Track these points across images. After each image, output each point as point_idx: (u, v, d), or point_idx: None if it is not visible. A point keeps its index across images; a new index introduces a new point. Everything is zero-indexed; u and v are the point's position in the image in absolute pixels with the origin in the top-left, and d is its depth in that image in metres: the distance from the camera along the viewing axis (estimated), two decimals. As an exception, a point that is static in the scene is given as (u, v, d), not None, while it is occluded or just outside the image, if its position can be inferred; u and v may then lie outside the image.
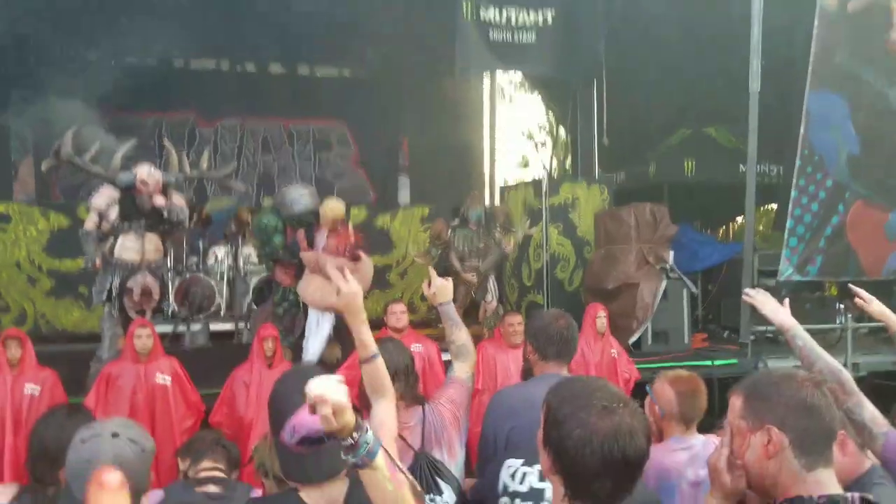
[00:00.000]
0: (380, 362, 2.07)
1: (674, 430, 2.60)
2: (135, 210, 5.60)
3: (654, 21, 9.17)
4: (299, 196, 6.30)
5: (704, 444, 2.56)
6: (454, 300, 2.87)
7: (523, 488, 2.17)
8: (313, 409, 1.37)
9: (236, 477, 2.86)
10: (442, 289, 2.76)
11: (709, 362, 6.61)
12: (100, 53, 10.40)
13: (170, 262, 8.48)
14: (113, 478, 1.31)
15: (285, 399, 1.78)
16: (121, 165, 5.82)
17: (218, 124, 12.30)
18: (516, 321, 5.42)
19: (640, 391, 4.22)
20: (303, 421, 1.43)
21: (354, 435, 1.39)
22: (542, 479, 2.15)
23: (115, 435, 1.55)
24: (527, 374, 2.75)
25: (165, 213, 5.61)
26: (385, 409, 2.03)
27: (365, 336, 2.03)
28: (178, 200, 5.84)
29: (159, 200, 5.55)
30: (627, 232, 7.38)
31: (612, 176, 9.30)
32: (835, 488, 1.43)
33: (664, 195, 8.94)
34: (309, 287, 5.64)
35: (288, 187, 6.79)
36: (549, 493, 2.09)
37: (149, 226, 5.68)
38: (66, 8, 9.42)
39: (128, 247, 5.59)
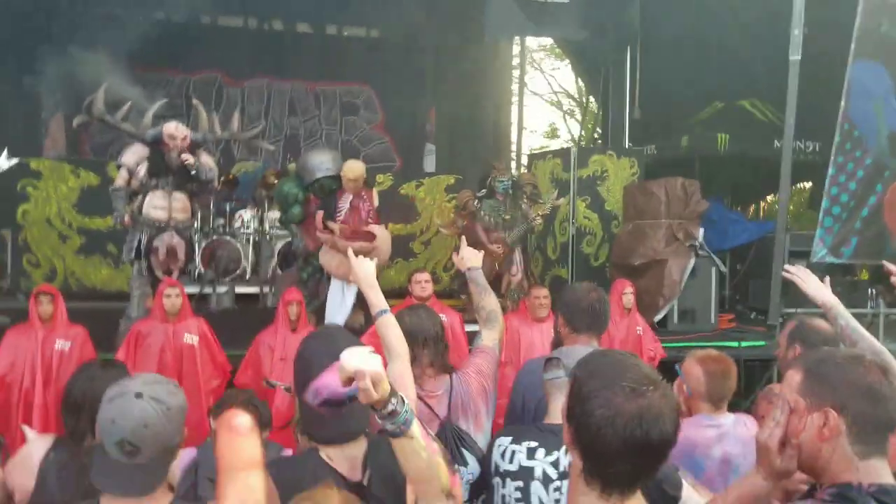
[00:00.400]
0: (387, 319, 2.12)
1: (702, 409, 2.58)
2: (163, 166, 5.60)
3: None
4: (320, 162, 6.32)
5: (734, 423, 2.56)
6: None
7: (513, 467, 2.16)
8: (349, 381, 1.38)
9: (266, 437, 2.89)
10: (470, 254, 2.81)
11: (735, 343, 6.51)
12: (128, 9, 10.39)
13: (196, 224, 8.55)
14: (243, 421, 1.31)
15: (310, 360, 1.81)
16: (151, 124, 5.83)
17: (245, 84, 12.25)
18: (542, 294, 5.39)
19: (664, 370, 4.19)
20: (327, 383, 1.46)
21: (393, 401, 1.40)
22: (530, 456, 2.14)
23: (138, 395, 1.54)
24: (557, 346, 2.71)
25: (193, 171, 5.60)
26: (399, 370, 2.03)
27: (371, 296, 2.16)
28: (207, 160, 5.83)
29: (187, 158, 5.55)
30: (657, 207, 7.25)
31: (642, 148, 9.14)
32: (888, 478, 1.37)
33: (696, 170, 8.75)
34: (332, 260, 5.67)
35: (310, 152, 6.78)
36: (538, 472, 2.12)
37: (176, 183, 5.68)
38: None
39: (155, 205, 5.61)
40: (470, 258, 2.80)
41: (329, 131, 12.79)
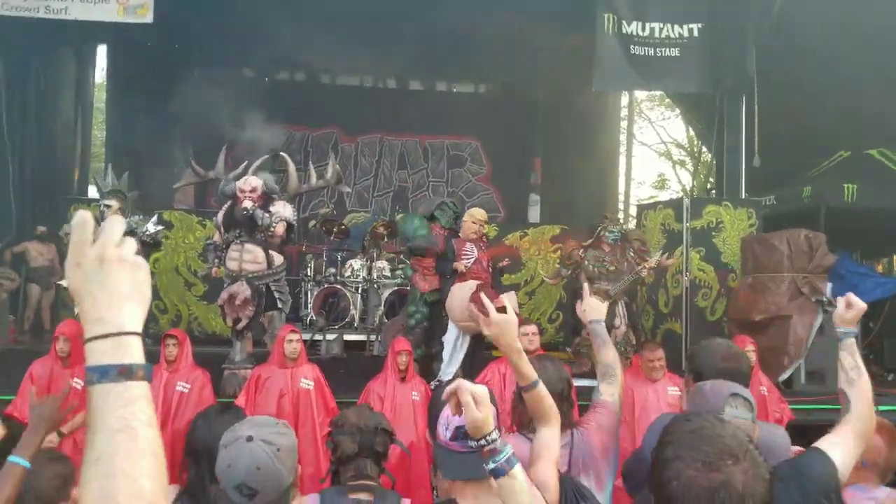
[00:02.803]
0: (541, 389, 2.04)
1: (865, 480, 2.35)
2: (233, 219, 5.90)
3: (812, 30, 8.55)
4: (435, 198, 6.67)
5: (888, 497, 2.38)
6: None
7: None
8: (457, 409, 1.47)
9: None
10: (594, 305, 2.69)
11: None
12: (255, 70, 11.18)
13: (310, 272, 8.89)
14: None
15: (438, 403, 1.86)
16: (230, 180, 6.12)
17: (359, 139, 12.81)
18: (656, 357, 5.09)
19: (794, 433, 3.87)
20: (448, 414, 1.58)
21: (493, 435, 1.45)
22: None
23: (249, 439, 1.60)
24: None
25: (251, 211, 5.72)
26: (549, 435, 2.01)
27: (523, 367, 1.99)
28: (279, 208, 5.93)
29: (247, 204, 5.74)
30: (779, 259, 6.87)
31: (760, 199, 8.73)
32: None
33: (820, 221, 8.24)
34: (456, 307, 5.69)
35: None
36: None
37: (247, 234, 5.85)
38: (223, 29, 10.18)
39: (231, 256, 5.91)
40: (594, 309, 2.68)
41: (436, 184, 13.09)
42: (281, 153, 6.83)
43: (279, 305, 6.08)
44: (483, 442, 1.46)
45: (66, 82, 10.90)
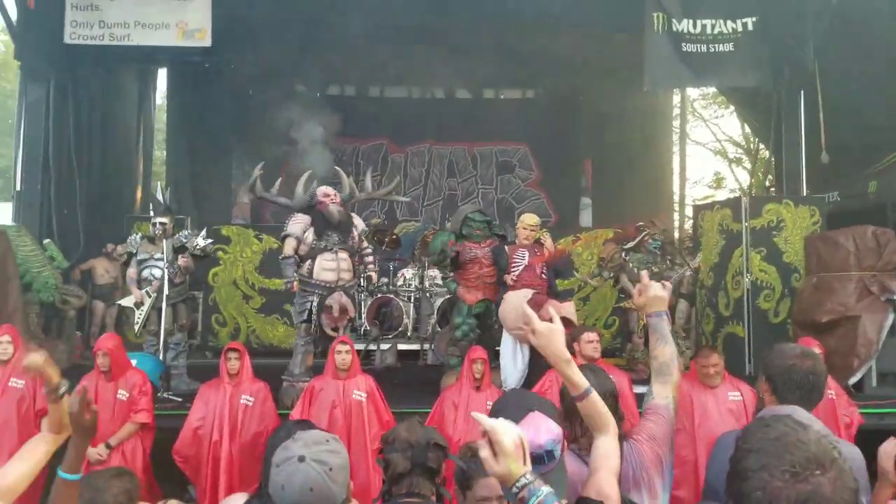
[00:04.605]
0: (594, 398, 1.98)
1: None
2: (325, 224, 5.99)
3: (874, 19, 8.21)
4: (459, 212, 6.60)
5: None
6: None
7: None
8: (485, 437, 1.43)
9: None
10: (656, 294, 2.39)
11: (950, 411, 5.67)
12: (307, 86, 11.40)
13: (363, 282, 8.98)
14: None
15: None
16: (304, 192, 6.25)
17: (408, 150, 12.92)
18: (712, 363, 4.82)
19: (863, 439, 3.70)
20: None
21: (521, 481, 1.40)
22: None
23: (301, 459, 1.60)
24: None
25: (345, 214, 5.94)
26: (607, 443, 1.98)
27: (574, 376, 1.96)
28: (355, 219, 6.20)
29: (335, 208, 5.95)
30: (845, 258, 6.60)
31: (823, 196, 8.42)
32: None
33: (888, 217, 7.90)
34: (510, 314, 5.66)
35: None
36: None
37: (342, 240, 6.02)
38: (276, 48, 10.43)
39: (325, 266, 5.96)
40: (653, 301, 2.36)
41: (485, 190, 13.08)
42: (335, 167, 6.95)
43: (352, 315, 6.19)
44: (514, 490, 1.42)
45: (128, 104, 11.33)
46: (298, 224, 6.07)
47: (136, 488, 2.68)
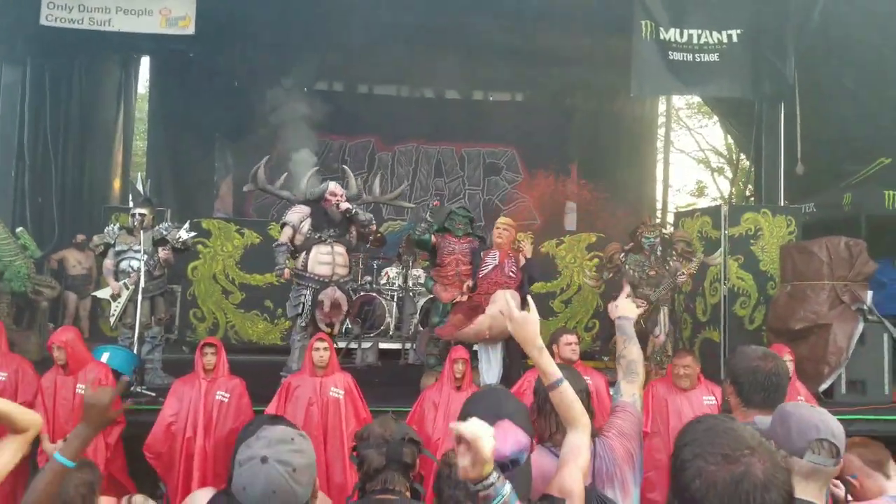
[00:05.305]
0: (565, 387, 2.05)
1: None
2: (325, 219, 6.00)
3: (852, 35, 8.37)
4: (446, 209, 6.70)
5: None
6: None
7: None
8: (465, 445, 1.46)
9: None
10: (627, 303, 2.68)
11: (916, 418, 5.79)
12: (295, 81, 11.37)
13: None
14: None
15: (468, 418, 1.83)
16: (306, 188, 6.27)
17: (395, 148, 12.93)
18: (684, 363, 4.94)
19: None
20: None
21: (488, 480, 1.45)
22: None
23: (263, 460, 1.56)
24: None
25: (354, 211, 5.95)
26: (576, 438, 2.03)
27: (545, 364, 2.05)
28: (362, 214, 6.20)
29: (345, 205, 5.94)
30: (819, 267, 6.72)
31: (799, 206, 8.55)
32: None
33: (861, 229, 8.05)
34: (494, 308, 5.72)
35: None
36: None
37: (338, 234, 6.03)
38: (263, 40, 10.38)
39: (320, 260, 5.95)
40: (625, 307, 2.65)
41: (472, 191, 13.13)
42: (344, 166, 6.98)
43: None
44: (479, 487, 1.47)
45: (108, 92, 11.18)
46: (296, 213, 6.07)
47: (98, 480, 2.66)
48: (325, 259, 5.94)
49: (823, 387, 6.37)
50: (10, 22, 8.41)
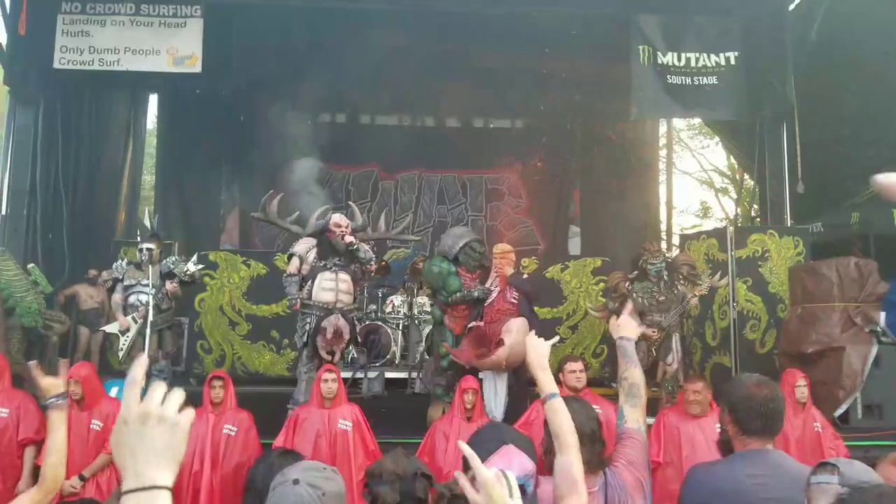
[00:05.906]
0: (556, 403, 2.06)
1: None
2: (330, 249, 6.02)
3: (854, 52, 8.41)
4: (459, 234, 6.53)
5: None
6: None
7: None
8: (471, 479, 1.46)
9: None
10: (628, 323, 2.67)
11: (935, 443, 5.66)
12: (297, 113, 11.47)
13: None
14: None
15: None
16: (315, 224, 6.30)
17: (398, 177, 12.99)
18: (694, 388, 4.85)
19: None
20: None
21: None
22: None
23: (295, 482, 1.63)
24: (724, 445, 2.42)
25: (355, 246, 5.97)
26: (568, 463, 1.99)
27: (542, 378, 2.14)
28: (365, 246, 6.21)
29: (349, 238, 5.95)
30: (829, 289, 6.67)
31: (807, 227, 8.52)
32: None
33: (870, 248, 8.00)
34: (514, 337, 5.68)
35: (444, 233, 6.96)
36: None
37: (343, 264, 6.03)
38: (267, 76, 10.52)
39: (324, 286, 5.94)
40: (626, 327, 2.63)
41: (475, 217, 13.13)
42: (350, 202, 7.03)
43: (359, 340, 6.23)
44: None
45: (118, 129, 11.30)
46: (303, 244, 6.12)
47: None
48: (329, 286, 5.94)
49: (839, 412, 6.23)
50: (25, 66, 8.63)
